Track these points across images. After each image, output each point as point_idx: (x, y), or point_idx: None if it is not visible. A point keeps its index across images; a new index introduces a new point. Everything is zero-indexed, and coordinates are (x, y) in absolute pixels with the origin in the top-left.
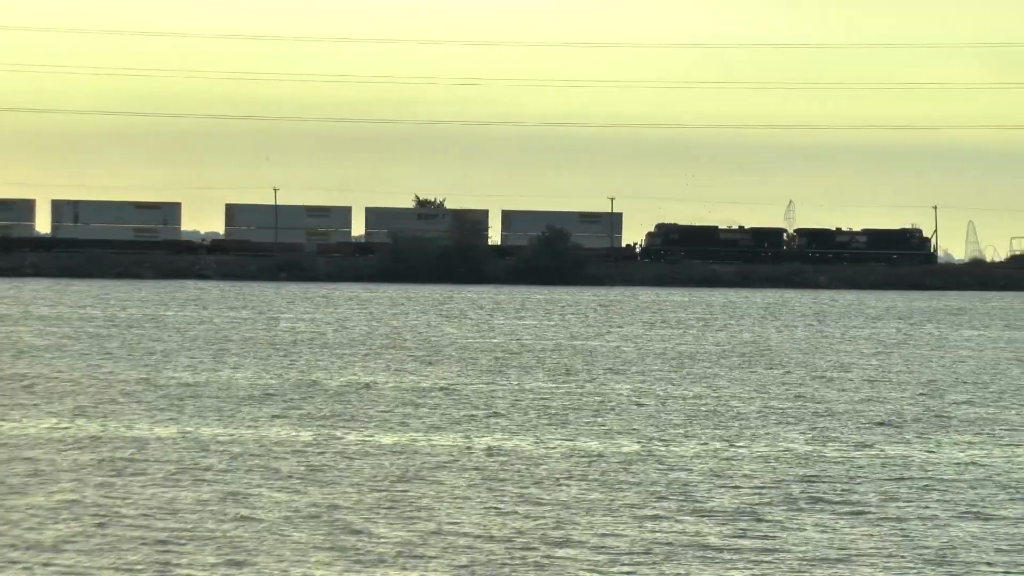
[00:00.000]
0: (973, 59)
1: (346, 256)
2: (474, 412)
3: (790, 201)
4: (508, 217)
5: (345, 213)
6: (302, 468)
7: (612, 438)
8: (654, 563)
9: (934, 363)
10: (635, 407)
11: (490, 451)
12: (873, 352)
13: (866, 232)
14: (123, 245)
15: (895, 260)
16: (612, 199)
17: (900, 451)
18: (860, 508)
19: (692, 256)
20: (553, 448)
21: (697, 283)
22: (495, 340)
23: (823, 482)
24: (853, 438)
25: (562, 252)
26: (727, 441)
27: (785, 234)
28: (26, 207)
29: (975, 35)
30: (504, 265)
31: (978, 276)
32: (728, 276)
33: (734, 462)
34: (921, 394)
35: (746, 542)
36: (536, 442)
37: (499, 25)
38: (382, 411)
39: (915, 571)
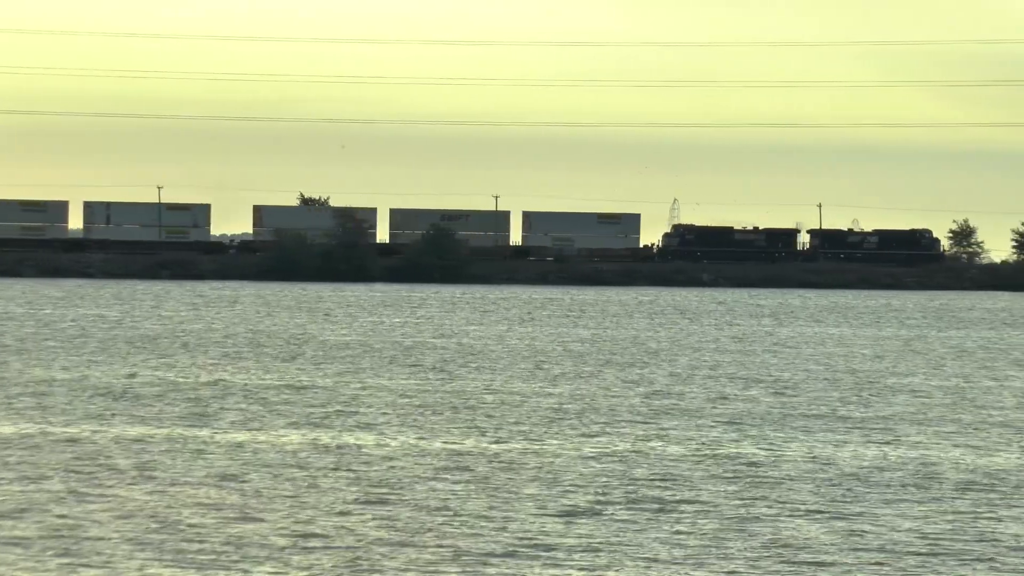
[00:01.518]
0: (857, 58)
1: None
2: (327, 410)
3: (675, 200)
4: (528, 218)
5: (371, 215)
6: (136, 465)
7: (458, 436)
8: (493, 563)
9: (786, 360)
10: (486, 404)
11: (340, 449)
12: (734, 349)
13: (877, 232)
14: (154, 246)
15: (905, 260)
16: (496, 197)
17: (741, 448)
18: (700, 506)
19: (708, 257)
20: (399, 446)
21: (580, 281)
22: (351, 337)
23: (666, 480)
24: (696, 435)
25: (446, 250)
26: (571, 439)
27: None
28: (60, 208)
29: (859, 34)
30: (388, 264)
31: (860, 274)
32: (611, 275)
33: (578, 460)
34: (772, 391)
35: (584, 541)
36: (381, 440)
37: (376, 24)
38: (230, 408)
39: (755, 570)
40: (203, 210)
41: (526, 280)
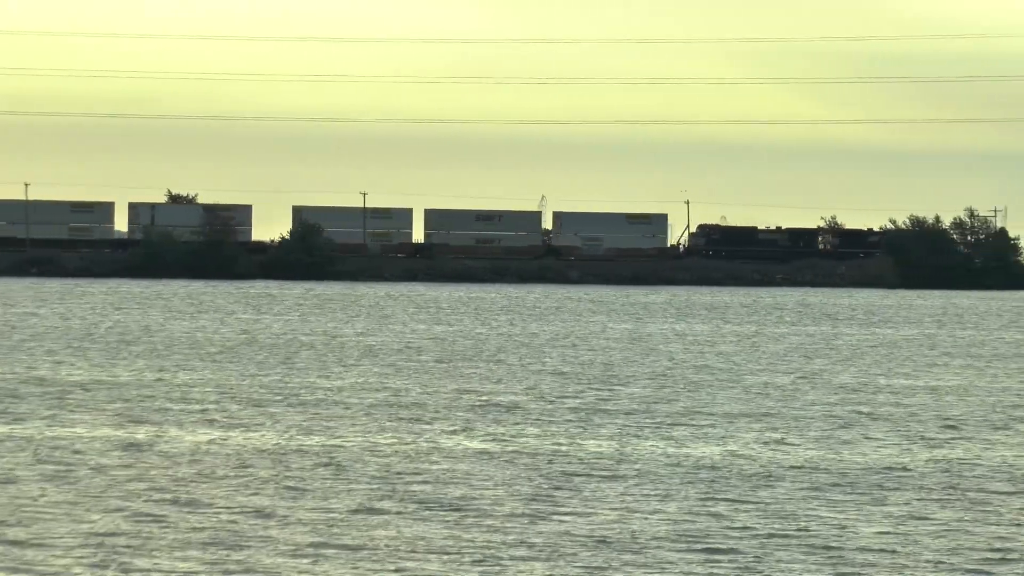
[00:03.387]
0: (721, 55)
1: (405, 256)
2: (148, 406)
3: (543, 196)
4: (559, 218)
5: (407, 215)
6: None
7: (256, 430)
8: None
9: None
10: (308, 399)
11: (164, 447)
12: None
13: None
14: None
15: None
16: (364, 194)
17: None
18: (497, 504)
19: (732, 256)
20: (210, 443)
21: (452, 278)
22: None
23: (466, 476)
24: (504, 431)
25: (315, 247)
26: (384, 435)
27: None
28: (106, 209)
29: (725, 31)
30: (257, 260)
31: (729, 271)
32: (481, 272)
33: (379, 456)
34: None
35: (376, 539)
36: (187, 436)
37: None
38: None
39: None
40: (244, 211)
41: (392, 278)
